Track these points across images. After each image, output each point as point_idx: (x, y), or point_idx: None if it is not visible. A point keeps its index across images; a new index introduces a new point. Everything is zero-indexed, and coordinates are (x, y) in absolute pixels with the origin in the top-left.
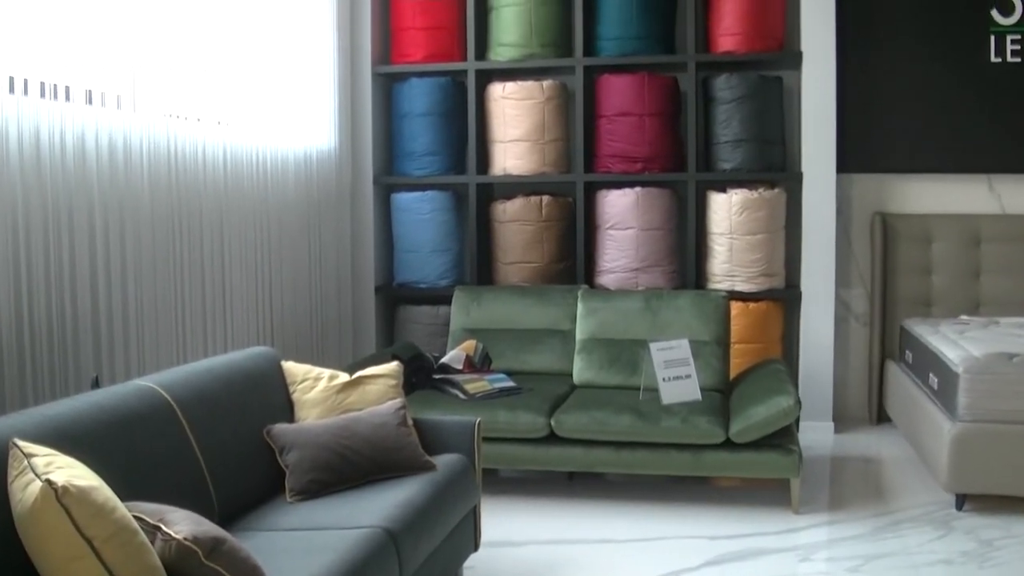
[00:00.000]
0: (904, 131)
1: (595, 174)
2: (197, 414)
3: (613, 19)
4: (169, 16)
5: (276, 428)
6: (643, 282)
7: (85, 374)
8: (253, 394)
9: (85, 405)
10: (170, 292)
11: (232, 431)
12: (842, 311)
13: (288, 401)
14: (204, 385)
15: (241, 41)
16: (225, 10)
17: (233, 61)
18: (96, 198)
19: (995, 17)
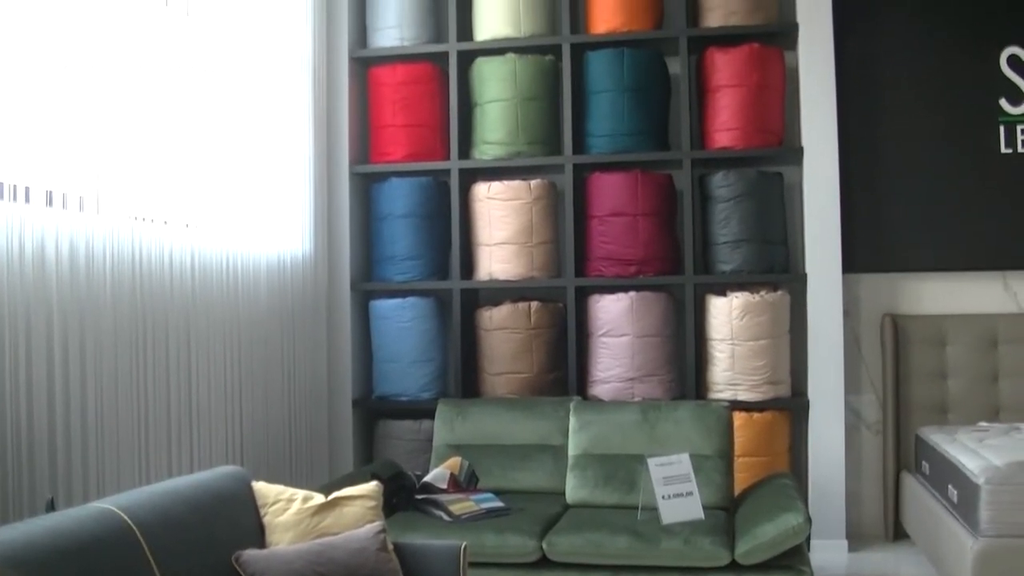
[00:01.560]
0: (912, 228)
1: (587, 278)
2: (161, 539)
3: (604, 115)
4: (135, 113)
5: (246, 555)
6: (639, 392)
7: (40, 495)
8: (221, 517)
9: (39, 529)
10: (132, 407)
11: (199, 558)
12: (853, 420)
13: (259, 525)
14: (168, 508)
15: (211, 140)
16: (195, 108)
17: (203, 161)
18: (55, 306)
19: (1004, 107)
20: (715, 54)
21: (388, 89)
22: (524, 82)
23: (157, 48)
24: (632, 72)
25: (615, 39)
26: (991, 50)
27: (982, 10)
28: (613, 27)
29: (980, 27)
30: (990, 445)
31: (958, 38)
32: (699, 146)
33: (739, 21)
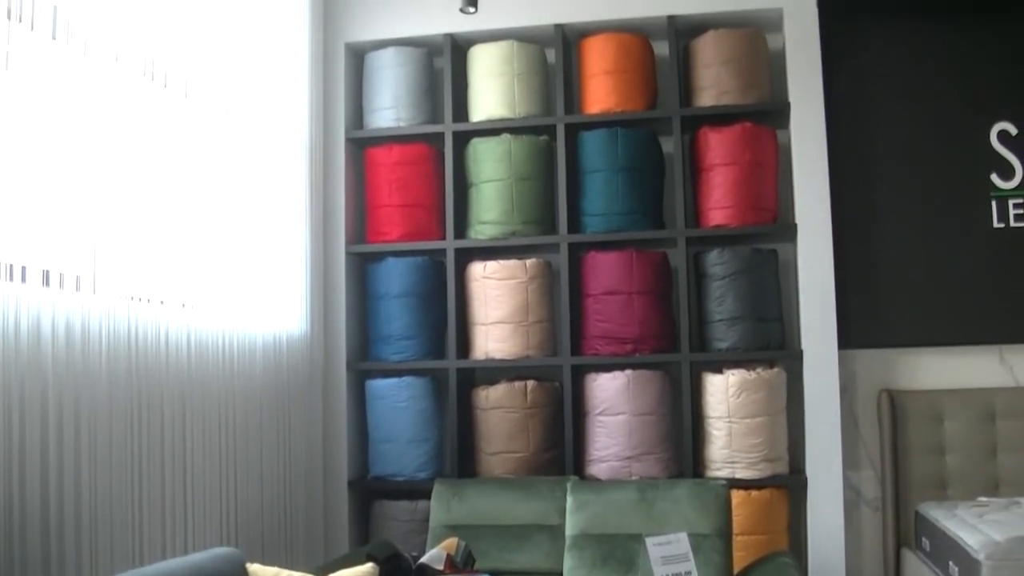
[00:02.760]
0: (907, 303)
1: (583, 357)
2: None
3: (598, 194)
4: (133, 194)
5: None
6: (637, 471)
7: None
8: None
9: None
10: (127, 486)
11: None
12: (852, 496)
13: None
14: None
15: (209, 220)
16: (192, 189)
17: (200, 241)
18: (50, 385)
19: (995, 181)
20: (708, 133)
21: (384, 169)
22: (519, 162)
23: (155, 129)
24: (626, 151)
25: (609, 119)
26: (981, 125)
27: (972, 86)
28: (607, 107)
29: (970, 103)
30: (990, 520)
31: (949, 114)
32: (693, 224)
33: (731, 101)
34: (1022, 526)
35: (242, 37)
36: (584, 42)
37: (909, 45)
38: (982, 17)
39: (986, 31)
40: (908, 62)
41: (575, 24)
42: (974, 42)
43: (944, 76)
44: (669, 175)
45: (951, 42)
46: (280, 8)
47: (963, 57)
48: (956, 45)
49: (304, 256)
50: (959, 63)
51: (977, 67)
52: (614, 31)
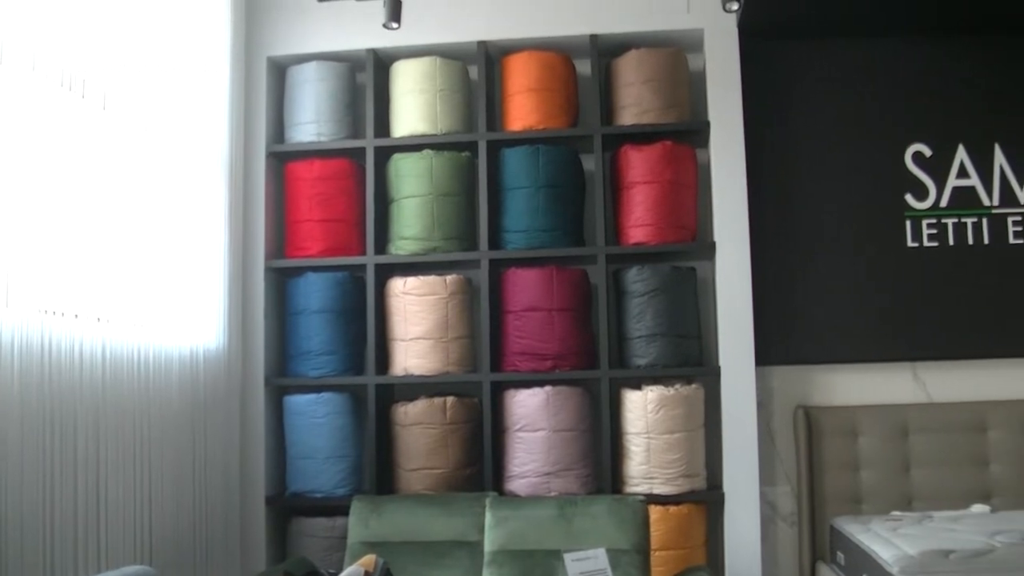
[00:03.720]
0: (823, 321)
1: (502, 373)
2: None
3: (519, 211)
4: (47, 205)
5: None
6: (556, 487)
7: None
8: None
9: None
10: (38, 503)
11: None
12: (768, 511)
13: None
14: None
15: (125, 233)
16: (109, 201)
17: (116, 255)
18: None
19: (909, 202)
20: (629, 151)
21: (304, 184)
22: (440, 178)
23: (72, 140)
24: (547, 169)
25: (531, 136)
26: (897, 147)
27: (887, 108)
28: (529, 125)
29: (886, 124)
30: (904, 534)
31: (865, 135)
32: (614, 241)
33: (652, 119)
34: (935, 540)
35: (163, 49)
36: (507, 59)
37: (827, 67)
38: (898, 40)
39: (902, 54)
40: (826, 83)
41: (498, 41)
42: (890, 65)
43: (861, 98)
44: (590, 193)
45: (868, 64)
46: (201, 21)
47: (880, 79)
48: (873, 67)
49: (222, 270)
50: (876, 85)
51: (893, 89)
52: (537, 49)
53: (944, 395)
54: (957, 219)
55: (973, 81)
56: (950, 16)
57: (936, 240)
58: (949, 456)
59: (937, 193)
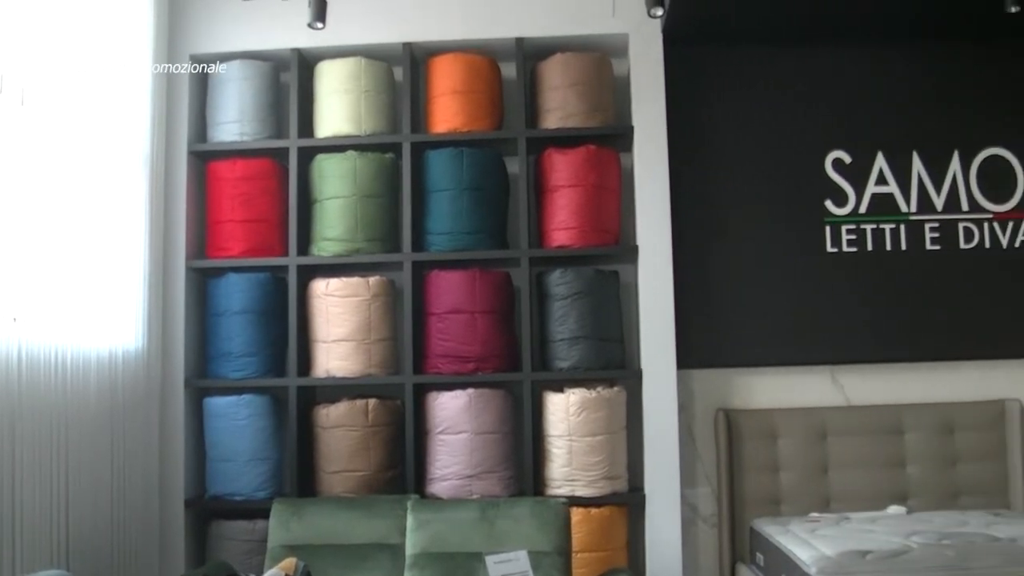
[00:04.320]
0: (744, 325)
1: (425, 375)
2: None
3: (443, 213)
4: None
5: None
6: (478, 490)
7: None
8: None
9: None
10: None
11: None
12: (689, 513)
13: None
14: None
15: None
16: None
17: (33, 253)
18: None
19: (829, 208)
20: (553, 155)
21: (227, 184)
22: (364, 179)
23: None
24: (471, 171)
25: (455, 139)
26: (817, 153)
27: (809, 115)
28: (454, 127)
29: (807, 131)
30: (822, 535)
31: (787, 141)
32: (537, 244)
33: (577, 123)
34: (852, 541)
35: (83, 45)
36: (432, 61)
37: (751, 73)
38: (819, 48)
39: (824, 62)
40: (750, 90)
41: (423, 43)
42: (812, 72)
43: (783, 104)
44: (514, 195)
45: (791, 71)
46: (123, 17)
47: (802, 86)
48: (795, 75)
49: (142, 270)
50: (798, 92)
51: (815, 97)
52: (462, 51)
53: (862, 398)
54: (876, 225)
55: (893, 90)
56: (871, 26)
57: (855, 246)
58: (866, 458)
59: (856, 199)
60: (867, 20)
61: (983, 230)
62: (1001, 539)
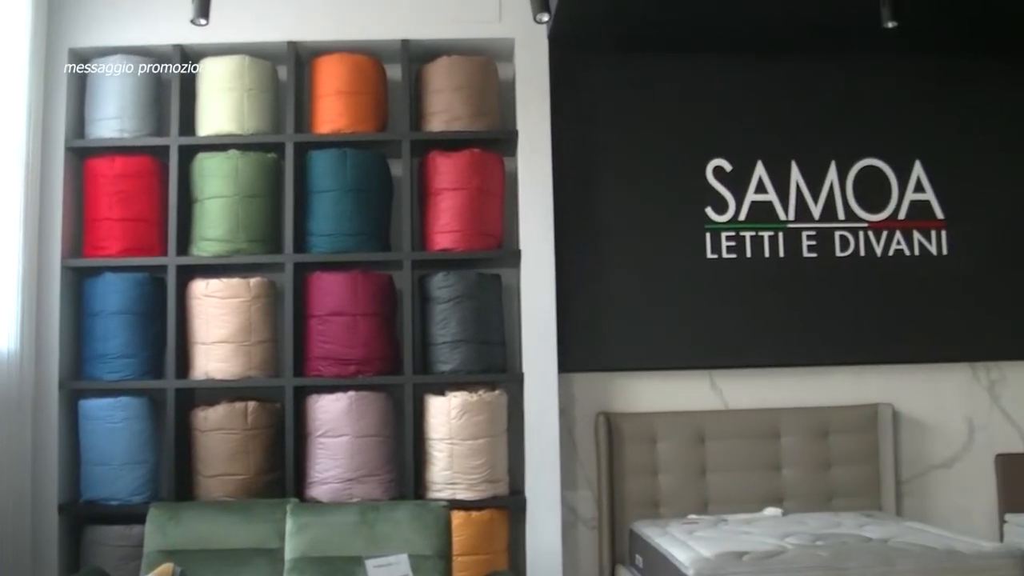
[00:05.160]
0: (625, 329)
1: (305, 378)
2: None
3: (325, 215)
4: None
5: None
6: (358, 493)
7: None
8: None
9: None
10: None
11: None
12: (569, 516)
13: None
14: None
15: None
16: None
17: None
18: None
19: (710, 214)
20: (437, 158)
21: (105, 181)
22: (246, 179)
23: None
24: (355, 173)
25: (339, 140)
26: (699, 161)
27: (691, 123)
28: (338, 128)
29: (689, 139)
30: (699, 537)
31: (670, 149)
32: (420, 248)
33: (462, 127)
34: (729, 542)
35: None
36: (317, 61)
37: (636, 81)
38: (703, 57)
39: (706, 70)
40: (634, 97)
41: (308, 42)
42: (696, 81)
43: (667, 111)
44: (397, 198)
45: (675, 80)
46: None
47: (685, 95)
48: (679, 82)
49: (16, 269)
50: (681, 100)
51: (697, 105)
52: (348, 52)
53: (739, 402)
54: (755, 232)
55: (773, 100)
56: (753, 37)
57: (734, 252)
58: (744, 461)
59: (736, 207)
60: (748, 32)
61: (858, 238)
62: (873, 540)
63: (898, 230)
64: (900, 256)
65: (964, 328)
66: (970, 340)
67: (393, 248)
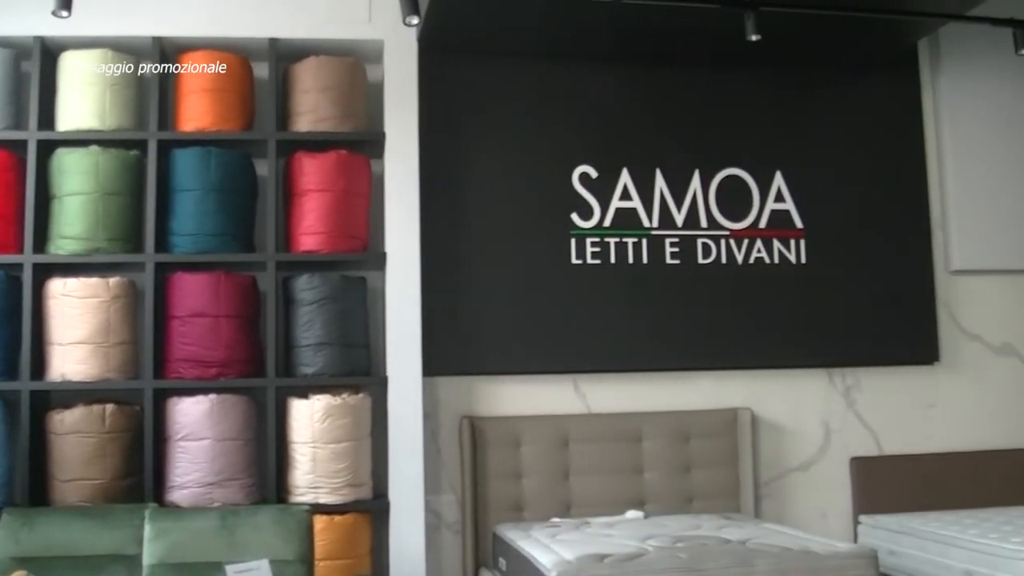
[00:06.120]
0: (491, 333)
1: (166, 380)
2: None
3: (188, 214)
4: None
5: None
6: (219, 498)
7: None
8: None
9: None
10: None
11: None
12: (433, 520)
13: None
14: None
15: None
16: None
17: None
18: None
19: (575, 220)
20: (303, 158)
21: None
22: (107, 176)
23: None
24: (219, 172)
25: (203, 138)
26: (565, 167)
27: (558, 129)
28: (202, 126)
29: (556, 145)
30: (562, 540)
31: (537, 154)
32: (284, 249)
33: (328, 128)
34: (591, 545)
35: None
36: (182, 57)
37: (504, 86)
38: (572, 65)
39: (575, 78)
40: (504, 101)
41: (174, 38)
42: (563, 88)
43: (535, 118)
44: (262, 199)
45: (543, 86)
46: None
47: (553, 101)
48: (547, 88)
49: None
50: (549, 106)
51: (564, 111)
52: (215, 49)
53: (603, 407)
54: (619, 239)
55: (638, 108)
56: (622, 46)
57: (599, 258)
58: (606, 465)
59: (601, 213)
60: (616, 41)
61: (720, 246)
62: (731, 541)
63: (759, 238)
64: (760, 264)
65: (821, 335)
66: (827, 346)
67: (257, 249)
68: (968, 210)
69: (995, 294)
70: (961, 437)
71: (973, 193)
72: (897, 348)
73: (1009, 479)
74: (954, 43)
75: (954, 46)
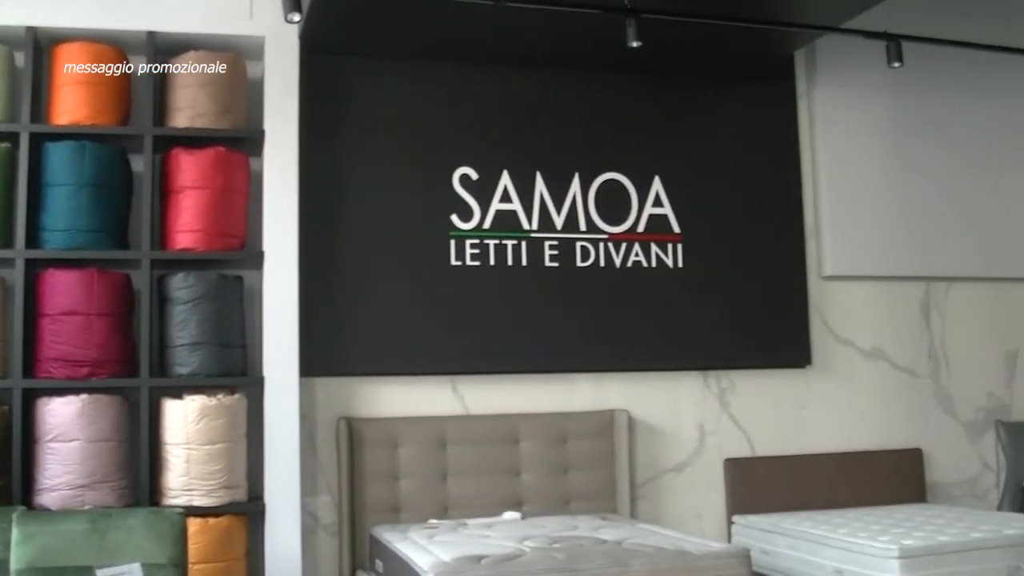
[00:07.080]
0: (369, 334)
1: (35, 380)
2: None
3: (61, 210)
4: None
5: None
6: (90, 500)
7: None
8: None
9: None
10: None
11: None
12: (309, 522)
13: None
14: None
15: None
16: None
17: None
18: None
19: (455, 222)
20: (180, 155)
21: None
22: None
23: None
24: (93, 167)
25: (77, 132)
26: (446, 169)
27: (439, 130)
28: (77, 119)
29: (437, 146)
30: (439, 541)
31: (418, 155)
32: (160, 246)
33: (206, 124)
34: (468, 546)
35: None
36: (57, 49)
37: (386, 86)
38: (454, 66)
39: (456, 80)
40: (384, 102)
41: (49, 29)
42: (445, 89)
43: (416, 118)
44: (138, 195)
45: (425, 86)
46: None
47: (434, 102)
48: (429, 90)
49: None
50: (431, 107)
51: (446, 113)
52: (91, 41)
53: (480, 408)
54: (499, 241)
55: (519, 111)
56: (505, 50)
57: (478, 260)
58: (484, 466)
59: (481, 215)
60: (499, 44)
61: (599, 249)
62: (608, 541)
63: (637, 242)
64: (638, 268)
65: (697, 338)
66: (702, 349)
67: (132, 246)
68: (841, 217)
69: (866, 300)
70: (832, 439)
71: (846, 201)
72: (770, 351)
73: (878, 479)
74: (829, 54)
75: (829, 57)
